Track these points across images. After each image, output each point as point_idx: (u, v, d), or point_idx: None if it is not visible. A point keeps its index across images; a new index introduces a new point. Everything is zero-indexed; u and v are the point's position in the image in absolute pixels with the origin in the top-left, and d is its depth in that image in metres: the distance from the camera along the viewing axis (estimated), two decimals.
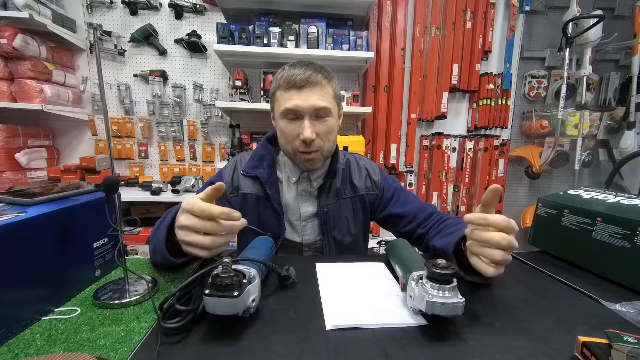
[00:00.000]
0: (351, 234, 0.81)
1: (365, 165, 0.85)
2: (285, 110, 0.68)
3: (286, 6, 1.79)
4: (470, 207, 2.17)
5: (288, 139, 0.71)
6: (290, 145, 0.71)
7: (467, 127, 2.15)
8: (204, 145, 2.02)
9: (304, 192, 0.79)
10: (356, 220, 0.82)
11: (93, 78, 1.89)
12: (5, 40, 1.49)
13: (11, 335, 0.41)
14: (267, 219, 0.77)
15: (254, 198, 0.77)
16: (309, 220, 0.79)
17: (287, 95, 0.67)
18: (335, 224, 0.79)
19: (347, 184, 0.81)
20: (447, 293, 0.40)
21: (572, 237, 0.67)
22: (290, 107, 0.67)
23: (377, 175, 0.84)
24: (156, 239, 0.56)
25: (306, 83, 0.66)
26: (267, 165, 0.77)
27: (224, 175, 0.80)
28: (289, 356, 0.37)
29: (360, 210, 0.82)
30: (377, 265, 0.63)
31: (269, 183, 0.76)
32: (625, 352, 0.34)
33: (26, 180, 1.71)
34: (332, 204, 0.78)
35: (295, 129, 0.69)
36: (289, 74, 0.68)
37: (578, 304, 0.51)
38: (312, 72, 0.67)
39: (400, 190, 0.85)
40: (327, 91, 0.69)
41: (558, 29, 1.88)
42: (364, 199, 0.82)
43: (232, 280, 0.39)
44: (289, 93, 0.67)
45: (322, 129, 0.70)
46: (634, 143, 1.95)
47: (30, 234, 0.44)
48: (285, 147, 0.73)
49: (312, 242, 0.79)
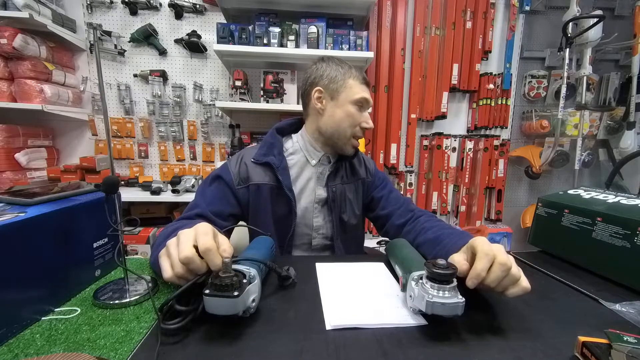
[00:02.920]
0: (355, 215, 0.88)
1: (362, 157, 0.94)
2: (362, 99, 0.78)
3: (286, 6, 1.79)
4: (470, 207, 2.17)
5: (352, 123, 0.79)
6: (350, 128, 0.79)
7: (467, 127, 2.15)
8: (204, 145, 2.02)
9: (321, 174, 0.83)
10: (358, 202, 0.89)
11: (93, 78, 1.89)
12: (5, 40, 1.48)
13: (11, 335, 0.41)
14: (279, 207, 0.79)
15: (268, 188, 0.78)
16: (319, 203, 0.83)
17: (361, 88, 0.79)
18: (342, 205, 0.85)
19: (349, 171, 0.88)
20: (447, 293, 0.40)
21: (572, 237, 0.67)
22: (367, 97, 0.79)
23: (371, 166, 0.94)
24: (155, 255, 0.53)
25: (369, 85, 0.82)
26: (278, 153, 0.80)
27: (230, 167, 0.79)
28: (289, 356, 0.37)
29: (360, 193, 0.90)
30: (377, 265, 0.63)
31: (280, 169, 0.77)
32: (625, 352, 0.34)
33: (26, 180, 1.71)
34: (338, 185, 0.84)
35: (360, 117, 0.79)
36: (356, 70, 0.80)
37: (578, 304, 0.51)
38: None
39: (388, 180, 0.95)
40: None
41: (558, 29, 1.88)
42: (364, 183, 0.90)
43: (232, 280, 0.39)
44: (363, 86, 0.79)
45: None
46: (634, 143, 1.95)
47: (30, 234, 0.45)
48: (343, 129, 0.79)
49: (321, 225, 0.84)
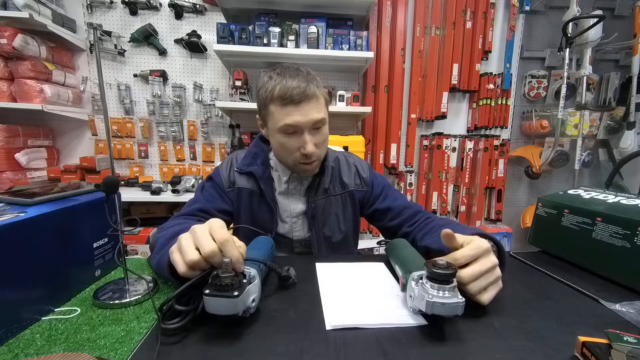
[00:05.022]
0: (341, 231, 0.82)
1: (354, 163, 0.86)
2: (285, 127, 0.67)
3: (286, 6, 1.79)
4: (470, 207, 2.17)
5: (289, 152, 0.70)
6: (290, 157, 0.71)
7: (467, 127, 2.15)
8: (204, 145, 2.02)
9: (294, 190, 0.80)
10: (346, 217, 0.83)
11: (93, 78, 1.89)
12: (5, 40, 1.48)
13: (11, 335, 0.41)
14: (260, 214, 0.79)
15: (248, 192, 0.79)
16: (299, 217, 0.80)
17: (284, 112, 0.66)
18: (325, 220, 0.80)
19: (336, 182, 0.82)
20: (447, 293, 0.40)
21: (572, 237, 0.67)
22: (290, 123, 0.66)
23: (365, 173, 0.85)
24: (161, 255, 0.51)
25: (303, 97, 0.65)
26: (261, 163, 0.79)
27: (221, 171, 0.81)
28: (289, 356, 0.37)
29: (350, 206, 0.83)
30: (377, 265, 0.63)
31: (263, 179, 0.77)
32: (625, 352, 0.34)
33: (26, 180, 1.71)
34: (320, 199, 0.80)
35: (295, 142, 0.69)
36: (282, 87, 0.65)
37: (578, 304, 0.51)
38: (305, 84, 0.66)
39: (389, 187, 0.86)
40: (321, 101, 0.69)
41: (558, 29, 1.88)
42: (354, 195, 0.83)
43: (232, 280, 0.39)
44: (287, 109, 0.66)
45: (320, 139, 0.71)
46: (634, 143, 1.95)
47: (30, 234, 0.45)
48: (285, 159, 0.73)
49: (302, 238, 0.81)
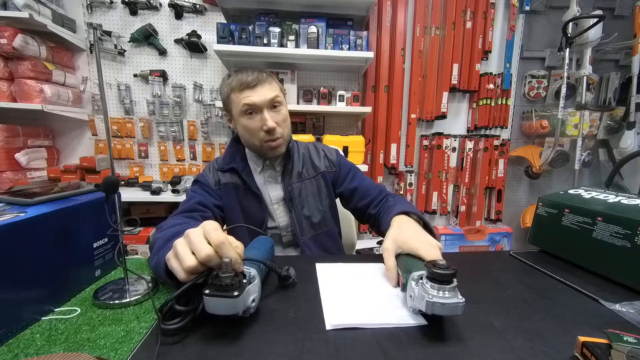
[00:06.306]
0: (319, 210, 0.88)
1: (322, 149, 0.94)
2: (245, 107, 0.75)
3: (286, 6, 1.79)
4: (470, 207, 2.17)
5: (253, 133, 0.78)
6: (255, 138, 0.78)
7: (467, 127, 2.15)
8: (204, 145, 2.02)
9: (270, 178, 0.86)
10: (322, 197, 0.89)
11: (93, 78, 1.89)
12: (5, 40, 1.48)
13: (11, 335, 0.41)
14: (248, 204, 0.82)
15: (233, 187, 0.83)
16: (279, 204, 0.85)
17: (242, 95, 0.76)
18: (303, 202, 0.86)
19: (309, 166, 0.89)
20: (447, 293, 0.40)
21: (573, 237, 0.67)
22: (248, 102, 0.75)
23: (333, 156, 0.92)
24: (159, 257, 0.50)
25: (257, 82, 0.76)
26: (240, 159, 0.85)
27: (205, 174, 0.85)
28: (289, 356, 0.37)
29: (324, 186, 0.90)
30: (377, 265, 0.63)
31: (245, 172, 0.83)
32: (625, 352, 0.34)
33: (26, 180, 1.71)
34: (296, 183, 0.85)
35: (257, 122, 0.77)
36: (238, 78, 0.76)
37: (578, 304, 0.51)
38: (258, 73, 0.77)
39: (356, 169, 0.93)
40: (274, 86, 0.79)
41: (558, 29, 1.88)
42: (325, 176, 0.90)
43: (232, 280, 0.39)
44: (244, 93, 0.76)
45: (279, 117, 0.79)
46: (634, 143, 1.95)
47: (30, 234, 0.45)
48: (251, 142, 0.80)
49: (287, 224, 0.85)
